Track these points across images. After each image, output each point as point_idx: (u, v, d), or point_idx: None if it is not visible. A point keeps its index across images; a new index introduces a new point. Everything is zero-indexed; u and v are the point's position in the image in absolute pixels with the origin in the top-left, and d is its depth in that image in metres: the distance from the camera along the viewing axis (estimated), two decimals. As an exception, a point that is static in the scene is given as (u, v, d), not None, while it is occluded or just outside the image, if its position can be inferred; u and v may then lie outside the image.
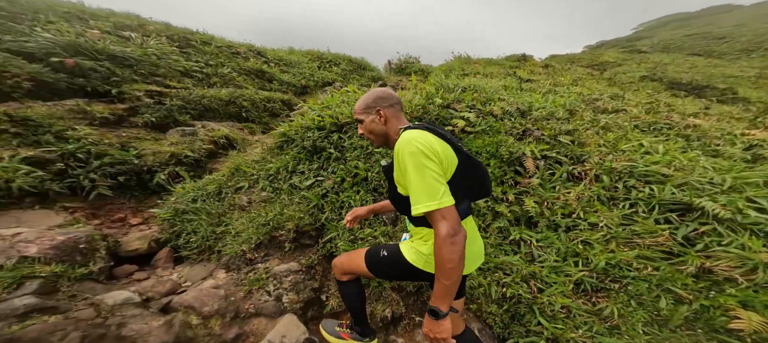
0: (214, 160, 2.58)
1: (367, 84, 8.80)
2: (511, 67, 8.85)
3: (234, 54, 5.73)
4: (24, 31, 2.56)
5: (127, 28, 3.96)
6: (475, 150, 1.99)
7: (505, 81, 4.87)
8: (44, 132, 1.79)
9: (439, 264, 0.67)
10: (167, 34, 4.66)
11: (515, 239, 1.51)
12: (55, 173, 1.68)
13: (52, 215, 1.53)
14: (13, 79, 2.03)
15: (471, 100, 2.51)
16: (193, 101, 3.18)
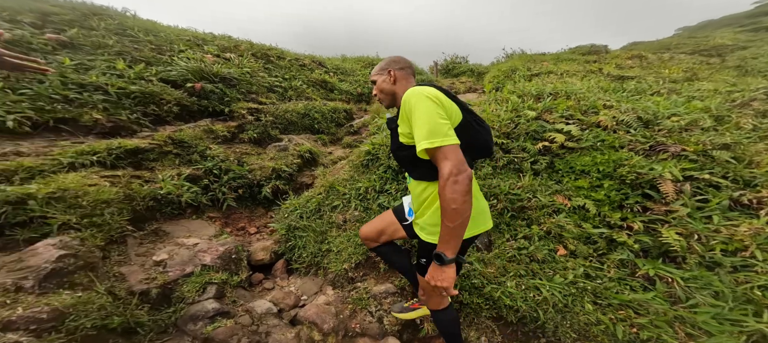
0: (302, 173, 2.89)
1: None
2: (587, 62, 7.76)
3: (302, 66, 6.24)
4: (167, 60, 3.19)
5: (226, 49, 4.62)
6: (580, 168, 1.80)
7: (593, 80, 4.23)
8: (193, 152, 2.22)
9: (444, 205, 0.68)
10: (252, 51, 5.32)
11: (647, 274, 1.33)
12: (203, 187, 2.08)
13: (206, 225, 1.91)
14: (166, 105, 2.56)
15: (566, 108, 2.19)
16: (280, 116, 3.58)
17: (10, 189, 1.20)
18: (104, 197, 1.43)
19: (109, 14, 3.54)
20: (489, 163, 1.96)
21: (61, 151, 1.56)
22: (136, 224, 1.58)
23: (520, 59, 8.23)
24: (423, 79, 9.25)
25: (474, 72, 11.01)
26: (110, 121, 2.03)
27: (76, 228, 1.28)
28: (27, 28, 2.42)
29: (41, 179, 1.36)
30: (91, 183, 1.45)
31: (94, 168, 1.59)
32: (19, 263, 1.05)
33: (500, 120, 2.17)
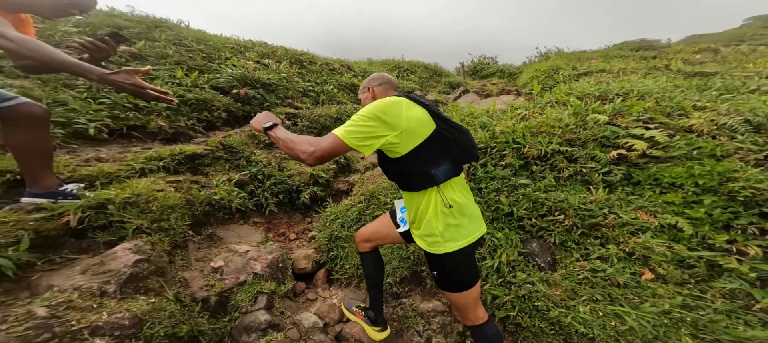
0: (337, 179, 2.91)
1: (445, 91, 8.50)
2: (644, 58, 6.97)
3: (331, 70, 6.36)
4: (216, 68, 3.40)
5: (265, 55, 4.84)
6: (669, 180, 1.53)
7: (662, 78, 3.62)
8: (240, 157, 2.31)
9: (290, 140, 0.85)
10: (286, 56, 5.52)
11: (765, 307, 1.12)
12: (248, 192, 2.15)
13: (253, 231, 1.96)
14: (217, 111, 2.71)
15: (642, 111, 1.91)
16: (314, 120, 3.65)
17: (93, 194, 1.30)
18: (170, 202, 1.51)
19: (168, 26, 3.87)
20: (550, 173, 1.76)
21: (133, 157, 1.69)
22: (195, 229, 1.66)
23: (562, 58, 7.63)
24: (449, 79, 8.96)
25: (505, 73, 10.46)
26: (172, 128, 2.18)
27: (147, 232, 1.36)
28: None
29: (118, 184, 1.47)
30: (159, 188, 1.54)
31: (160, 174, 1.71)
32: (101, 267, 1.12)
33: (562, 125, 1.95)
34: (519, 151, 1.82)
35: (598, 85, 2.65)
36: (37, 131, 1.14)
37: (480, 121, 2.26)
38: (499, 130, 1.92)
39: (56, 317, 0.89)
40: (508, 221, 1.63)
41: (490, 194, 1.73)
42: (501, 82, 8.38)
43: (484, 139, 1.94)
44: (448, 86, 8.61)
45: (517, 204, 1.64)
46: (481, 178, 1.84)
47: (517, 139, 1.87)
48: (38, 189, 1.21)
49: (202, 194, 1.77)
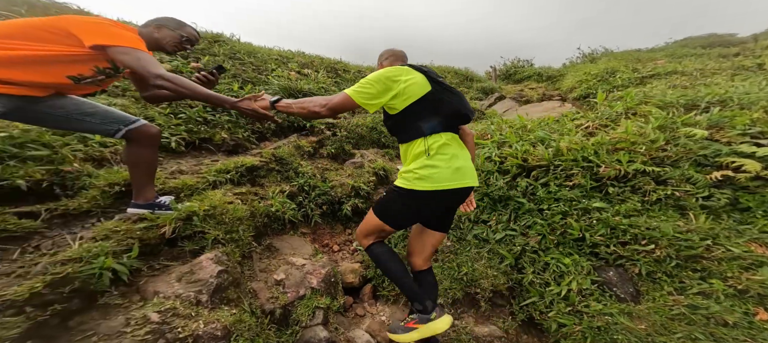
0: (377, 191, 2.97)
1: (478, 96, 8.25)
2: (722, 56, 6.09)
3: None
4: (264, 80, 3.64)
5: (304, 65, 5.08)
6: None
7: (761, 80, 3.05)
8: (289, 169, 2.45)
9: (303, 103, 1.12)
10: (322, 65, 5.75)
11: None
12: (297, 203, 2.27)
13: (303, 243, 2.07)
14: (267, 123, 2.90)
15: (749, 124, 1.69)
16: (352, 130, 3.75)
17: (183, 207, 1.46)
18: (239, 214, 1.64)
19: (224, 40, 4.23)
20: (632, 196, 1.62)
21: (206, 169, 1.87)
22: (257, 240, 1.79)
23: (616, 58, 6.89)
24: (482, 85, 8.69)
25: (542, 76, 9.84)
26: (232, 140, 2.38)
27: (222, 243, 1.50)
28: (179, 59, 3.02)
29: (197, 196, 1.64)
30: (229, 201, 1.69)
31: (227, 185, 1.87)
32: (191, 276, 1.25)
33: (646, 141, 1.74)
34: (591, 171, 1.69)
35: (683, 91, 2.34)
36: (152, 149, 1.33)
37: (536, 135, 2.13)
38: (566, 147, 1.79)
39: (166, 323, 1.02)
40: (577, 247, 1.52)
41: (554, 216, 1.62)
42: (540, 87, 7.88)
43: (546, 157, 1.82)
44: (480, 92, 8.34)
45: (590, 229, 1.52)
46: (542, 198, 1.73)
47: (588, 157, 1.73)
48: (141, 201, 1.38)
49: (261, 206, 1.90)
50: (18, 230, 1.11)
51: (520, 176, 1.86)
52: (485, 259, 1.72)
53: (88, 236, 1.20)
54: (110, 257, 1.11)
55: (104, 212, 1.40)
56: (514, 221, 1.77)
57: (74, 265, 1.01)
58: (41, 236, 1.17)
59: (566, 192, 1.67)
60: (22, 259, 1.03)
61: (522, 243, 1.63)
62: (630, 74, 4.76)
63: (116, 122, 1.22)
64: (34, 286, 0.88)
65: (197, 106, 2.35)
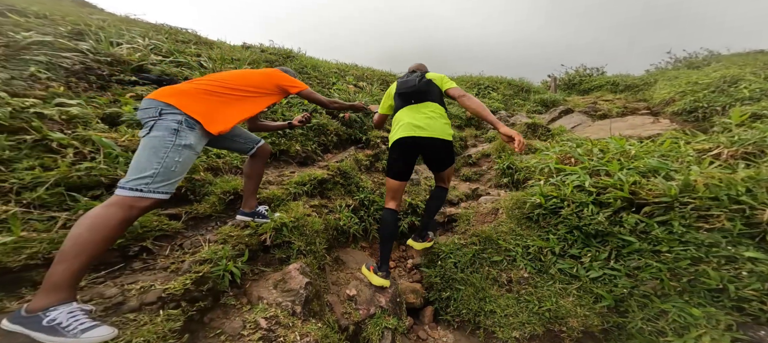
0: (433, 210, 2.94)
1: (537, 109, 7.56)
2: None
3: (414, 88, 6.52)
4: (326, 93, 3.92)
5: (360, 78, 5.33)
6: None
7: None
8: (351, 183, 2.57)
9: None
10: (374, 77, 5.96)
11: None
12: (359, 217, 2.36)
13: (365, 258, 2.14)
14: (330, 135, 3.11)
15: None
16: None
17: (277, 217, 1.62)
18: (316, 227, 1.77)
19: (294, 56, 4.70)
20: None
21: (288, 181, 2.08)
22: (328, 252, 1.91)
23: (742, 64, 5.40)
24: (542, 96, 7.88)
25: (618, 85, 8.61)
26: (304, 152, 2.61)
27: (304, 254, 1.63)
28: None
29: (284, 207, 1.81)
30: (307, 213, 1.84)
31: (303, 198, 2.04)
32: (285, 284, 1.39)
33: None
34: (742, 213, 1.41)
35: None
36: (264, 163, 1.62)
37: (646, 164, 1.79)
38: (702, 182, 1.52)
39: (271, 330, 1.14)
40: (713, 299, 1.27)
41: (681, 261, 1.35)
42: (618, 98, 6.80)
43: (671, 192, 1.49)
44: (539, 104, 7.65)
45: (736, 281, 1.26)
46: (660, 238, 1.44)
47: (737, 197, 1.44)
48: (247, 209, 1.60)
49: (331, 219, 2.03)
50: (169, 229, 1.37)
51: (625, 210, 1.63)
52: (574, 296, 1.55)
53: (213, 239, 1.42)
54: (230, 261, 1.30)
55: (219, 217, 1.65)
56: (616, 259, 1.56)
57: (207, 266, 1.20)
58: (182, 235, 1.43)
59: (700, 235, 1.40)
60: (172, 255, 1.27)
61: (628, 285, 1.43)
62: (761, 84, 3.74)
63: (252, 142, 1.56)
64: (186, 283, 1.07)
65: (278, 120, 2.65)
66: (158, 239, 1.33)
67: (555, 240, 1.74)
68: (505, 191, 3.17)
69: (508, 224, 2.02)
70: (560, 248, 1.70)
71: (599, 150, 2.16)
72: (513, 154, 3.44)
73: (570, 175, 1.96)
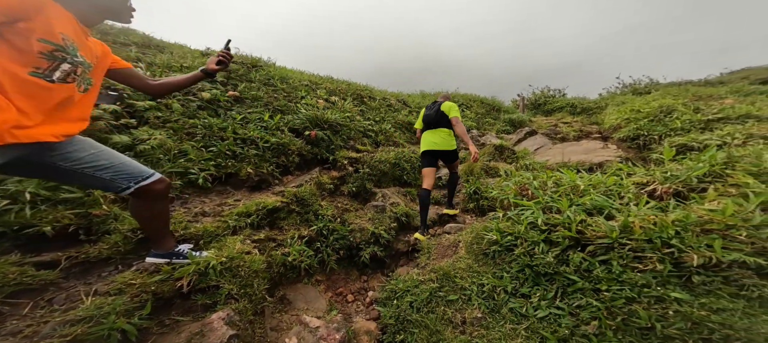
0: (397, 239, 2.85)
1: (506, 129, 8.00)
2: None
3: (389, 107, 6.60)
4: (294, 108, 3.79)
5: (332, 92, 5.28)
6: None
7: None
8: (309, 211, 2.43)
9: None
10: (349, 92, 5.95)
11: None
12: (314, 250, 2.21)
13: (317, 295, 1.98)
14: (291, 155, 2.96)
15: None
16: (374, 166, 3.72)
17: (201, 258, 1.44)
18: (255, 267, 1.60)
19: (261, 65, 4.53)
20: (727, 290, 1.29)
21: (228, 211, 1.89)
22: (270, 292, 1.73)
23: (676, 95, 6.19)
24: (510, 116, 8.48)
25: (576, 107, 9.41)
26: (257, 175, 2.43)
27: (236, 298, 1.45)
28: (219, 86, 3.26)
29: (216, 243, 1.63)
30: (246, 250, 1.66)
31: (246, 230, 1.86)
32: (202, 338, 1.20)
33: (748, 227, 1.44)
34: (672, 256, 1.47)
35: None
36: (165, 201, 1.28)
37: (592, 200, 1.90)
38: (638, 224, 1.59)
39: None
40: (643, 337, 1.30)
41: (616, 300, 1.40)
42: (575, 121, 7.40)
43: (611, 235, 1.58)
44: (508, 124, 8.10)
45: (663, 320, 1.29)
46: (601, 277, 1.51)
47: (669, 241, 1.51)
48: (161, 250, 1.39)
49: (278, 255, 1.86)
50: (34, 282, 1.13)
51: (572, 248, 1.67)
52: (522, 337, 1.53)
53: (103, 289, 1.20)
54: (121, 317, 1.09)
55: (124, 259, 1.42)
56: (562, 298, 1.57)
57: (84, 325, 1.00)
58: (57, 287, 1.19)
59: (634, 275, 1.45)
60: (32, 315, 1.04)
61: (570, 324, 1.43)
62: (691, 115, 4.26)
63: (125, 176, 1.12)
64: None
65: (228, 138, 2.46)
66: (16, 295, 1.08)
67: (508, 279, 1.74)
68: (471, 216, 3.21)
69: (466, 260, 2.00)
70: (512, 287, 1.70)
71: (553, 183, 2.25)
72: (479, 178, 3.54)
73: (525, 211, 2.00)
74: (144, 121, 2.29)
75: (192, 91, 2.76)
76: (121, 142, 2.00)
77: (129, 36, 3.70)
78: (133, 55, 3.10)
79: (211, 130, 2.43)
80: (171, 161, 2.06)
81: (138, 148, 2.01)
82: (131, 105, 2.34)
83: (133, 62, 2.97)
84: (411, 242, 2.72)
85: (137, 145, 2.03)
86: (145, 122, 2.27)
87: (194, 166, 2.07)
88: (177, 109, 2.49)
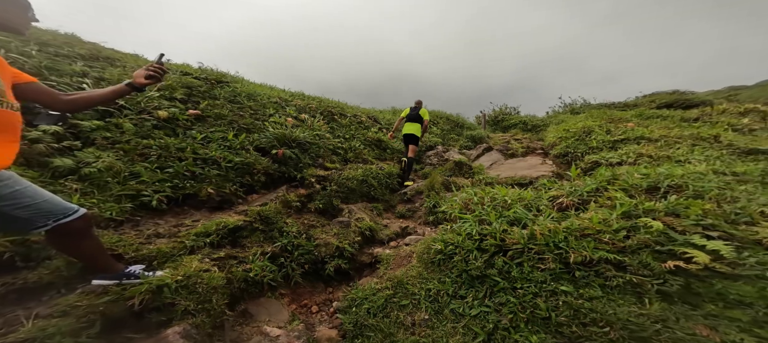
0: (362, 252, 3.01)
1: (467, 145, 8.67)
2: (684, 119, 6.67)
3: (359, 124, 6.89)
4: (260, 126, 3.87)
5: (302, 109, 5.42)
6: (736, 297, 1.50)
7: (714, 156, 3.57)
8: (274, 228, 2.52)
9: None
10: (320, 109, 6.12)
11: None
12: (278, 265, 2.30)
13: (280, 308, 2.06)
14: (257, 174, 3.04)
15: (701, 214, 1.84)
16: (342, 183, 3.90)
17: (154, 277, 1.49)
18: (214, 283, 1.67)
19: (227, 81, 4.54)
20: (598, 281, 1.73)
21: (185, 232, 1.93)
22: (231, 306, 1.78)
23: (595, 117, 7.39)
24: (472, 132, 9.22)
25: (527, 125, 10.56)
26: (219, 195, 2.47)
27: (193, 314, 1.50)
28: (178, 105, 3.24)
29: (172, 263, 1.67)
30: (205, 268, 1.72)
31: (206, 249, 1.91)
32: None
33: (610, 231, 1.89)
34: (561, 256, 1.85)
35: (646, 174, 2.53)
36: (90, 236, 1.25)
37: (514, 213, 2.30)
38: (539, 232, 1.97)
39: None
40: (544, 325, 1.61)
41: (526, 296, 1.74)
42: (525, 138, 8.35)
43: (521, 242, 1.97)
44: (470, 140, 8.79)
45: (556, 310, 1.63)
46: (516, 277, 1.85)
47: (559, 244, 1.90)
48: (108, 273, 1.41)
49: (240, 271, 1.93)
50: None
51: (497, 254, 2.00)
52: (460, 334, 1.78)
53: (46, 312, 1.21)
54: (67, 336, 1.12)
55: (68, 284, 1.41)
56: (490, 297, 1.87)
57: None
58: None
59: (538, 274, 1.80)
60: None
61: (495, 320, 1.72)
62: (603, 136, 5.25)
63: (46, 216, 1.05)
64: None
65: (187, 159, 2.48)
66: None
67: (449, 283, 2.03)
68: (430, 228, 3.50)
69: (417, 269, 2.25)
70: (453, 290, 1.97)
71: (490, 198, 2.64)
72: (439, 193, 3.88)
73: (465, 223, 2.34)
74: (90, 143, 2.23)
75: (147, 110, 2.75)
76: (63, 165, 1.94)
77: (74, 46, 3.50)
78: (78, 69, 2.98)
79: (168, 150, 2.42)
80: (120, 184, 2.02)
81: (82, 171, 1.96)
82: (76, 125, 2.27)
83: (79, 78, 2.86)
84: (374, 254, 2.89)
85: (82, 169, 1.97)
86: (91, 144, 2.21)
87: (147, 188, 2.06)
88: (129, 128, 2.46)
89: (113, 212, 1.83)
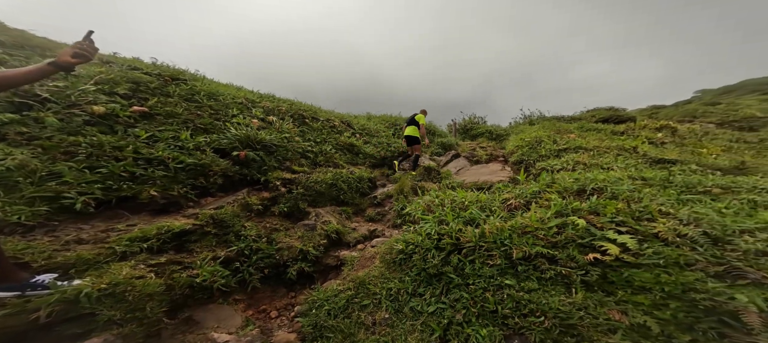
0: (327, 254, 2.91)
1: (438, 151, 8.96)
2: (614, 133, 7.59)
3: (332, 128, 6.81)
4: (221, 127, 3.65)
5: (270, 112, 5.23)
6: (639, 283, 1.70)
7: (631, 165, 4.14)
8: (229, 232, 2.35)
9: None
10: (291, 112, 5.96)
11: None
12: (233, 270, 2.13)
13: (232, 313, 1.90)
14: (213, 177, 2.84)
15: (615, 212, 2.12)
16: (309, 187, 3.79)
17: (68, 287, 1.30)
18: (149, 290, 1.50)
19: (184, 79, 4.22)
20: (535, 275, 1.90)
21: (116, 237, 1.71)
22: (170, 314, 1.60)
23: (545, 129, 8.20)
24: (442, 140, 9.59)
25: (492, 134, 11.27)
26: (164, 198, 2.25)
27: (120, 324, 1.32)
28: (120, 100, 2.93)
29: (95, 271, 1.47)
30: (138, 275, 1.54)
31: (142, 255, 1.71)
32: None
33: (545, 227, 2.11)
34: (506, 253, 1.95)
35: (577, 179, 2.90)
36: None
37: (470, 213, 2.42)
38: (488, 230, 2.08)
39: None
40: (492, 318, 1.69)
41: (477, 291, 1.82)
42: (489, 146, 8.92)
43: (473, 240, 2.08)
44: (440, 147, 9.11)
45: (501, 303, 1.71)
46: (469, 274, 1.93)
47: (504, 241, 2.02)
48: (5, 284, 1.21)
49: (183, 277, 1.75)
50: None
51: (453, 252, 2.07)
52: (418, 331, 1.78)
53: None
54: None
55: None
56: (446, 294, 1.91)
57: None
58: None
59: (487, 270, 1.88)
60: None
61: (449, 316, 1.76)
62: (551, 146, 5.88)
63: None
64: None
65: (126, 158, 2.24)
66: None
67: (409, 281, 2.05)
68: (398, 231, 3.50)
69: (379, 269, 2.24)
70: (412, 288, 1.99)
71: (450, 201, 2.74)
72: (407, 197, 3.93)
73: (425, 224, 2.40)
74: (0, 138, 1.92)
75: (79, 104, 2.45)
76: (-37, 161, 1.65)
77: (33, 39, 3.07)
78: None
79: (102, 148, 2.16)
80: (34, 185, 1.74)
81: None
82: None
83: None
84: (340, 257, 2.81)
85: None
86: (1, 139, 1.91)
87: (71, 189, 1.81)
88: (53, 123, 2.15)
89: (22, 216, 1.57)
